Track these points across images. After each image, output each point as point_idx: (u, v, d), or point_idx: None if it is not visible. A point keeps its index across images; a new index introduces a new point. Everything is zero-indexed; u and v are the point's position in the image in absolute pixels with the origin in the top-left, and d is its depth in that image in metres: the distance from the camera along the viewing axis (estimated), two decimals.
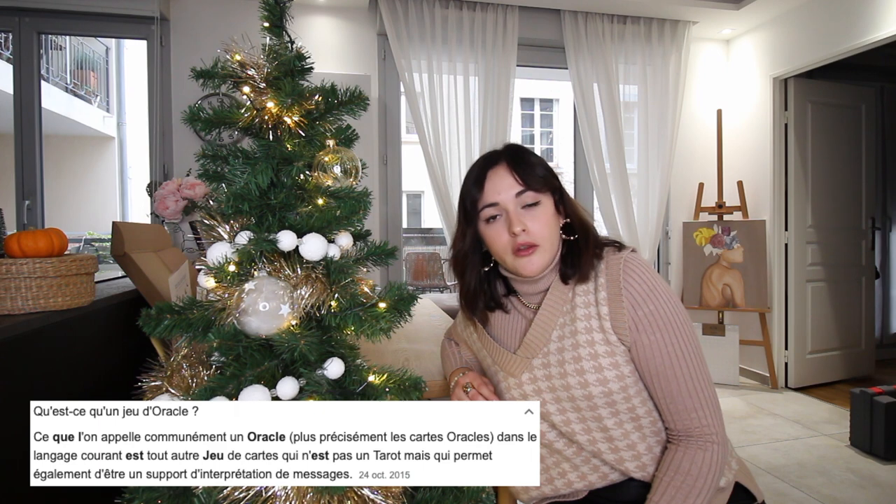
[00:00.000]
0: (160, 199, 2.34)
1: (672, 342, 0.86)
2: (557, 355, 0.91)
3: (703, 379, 0.86)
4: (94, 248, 6.73)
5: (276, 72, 0.78)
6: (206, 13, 2.91)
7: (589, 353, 0.88)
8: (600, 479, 0.93)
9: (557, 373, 0.91)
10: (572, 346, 0.90)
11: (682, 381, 0.85)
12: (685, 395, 0.85)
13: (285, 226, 0.75)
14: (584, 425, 0.91)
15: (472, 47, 3.10)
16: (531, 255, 0.90)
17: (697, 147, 3.63)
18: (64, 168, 7.54)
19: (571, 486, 0.94)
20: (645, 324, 0.86)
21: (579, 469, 0.93)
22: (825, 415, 2.89)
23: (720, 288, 3.41)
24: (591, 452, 0.92)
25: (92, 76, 7.49)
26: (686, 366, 0.86)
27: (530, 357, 0.94)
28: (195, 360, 0.78)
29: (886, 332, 4.13)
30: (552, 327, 0.93)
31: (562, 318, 0.92)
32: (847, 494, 2.05)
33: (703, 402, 0.85)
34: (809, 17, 3.08)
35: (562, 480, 0.95)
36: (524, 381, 0.94)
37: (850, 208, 3.51)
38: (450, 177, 3.07)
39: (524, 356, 0.95)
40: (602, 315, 0.89)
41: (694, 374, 0.86)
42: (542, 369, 0.93)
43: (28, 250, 1.17)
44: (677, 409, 0.86)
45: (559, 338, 0.92)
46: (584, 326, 0.90)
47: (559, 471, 0.95)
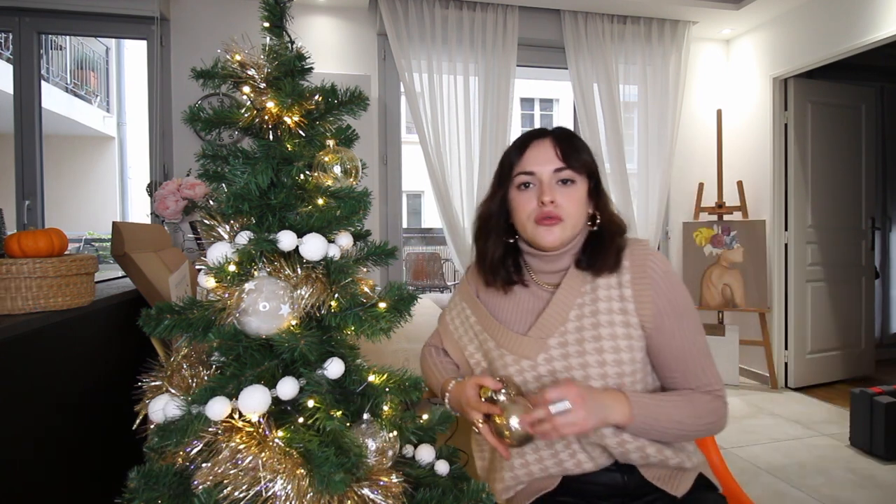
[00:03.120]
0: (160, 199, 2.34)
1: (687, 326, 0.93)
2: (576, 334, 0.93)
3: (708, 353, 0.95)
4: (94, 248, 6.73)
5: (277, 72, 0.78)
6: (206, 13, 2.91)
7: (609, 333, 0.92)
8: (575, 466, 0.94)
9: (575, 351, 0.93)
10: (592, 326, 0.93)
11: (694, 357, 0.93)
12: (695, 368, 0.93)
13: (285, 226, 0.75)
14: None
15: (472, 47, 3.10)
16: (553, 227, 0.92)
17: (697, 147, 3.63)
18: (64, 168, 7.54)
19: (547, 471, 0.95)
20: (668, 311, 0.92)
21: (557, 455, 0.95)
22: (825, 415, 2.89)
23: (720, 288, 3.41)
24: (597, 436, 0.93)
25: (92, 76, 7.49)
26: (697, 344, 0.94)
27: (545, 337, 0.95)
28: (195, 360, 0.78)
29: (886, 332, 4.13)
30: (570, 307, 0.95)
31: (580, 299, 0.95)
32: (847, 494, 2.05)
33: (710, 370, 0.94)
34: (809, 17, 3.08)
35: (538, 466, 0.96)
36: (539, 363, 0.95)
37: (850, 208, 3.51)
38: (450, 177, 3.07)
39: (538, 336, 0.95)
40: (625, 297, 0.93)
41: (702, 350, 0.94)
42: (559, 349, 0.94)
43: (28, 250, 1.17)
44: (690, 376, 0.93)
45: (578, 317, 0.94)
46: (606, 307, 0.93)
47: (536, 456, 0.96)
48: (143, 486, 0.70)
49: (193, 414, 0.67)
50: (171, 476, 0.71)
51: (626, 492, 0.94)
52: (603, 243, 0.95)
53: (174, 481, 0.71)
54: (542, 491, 0.96)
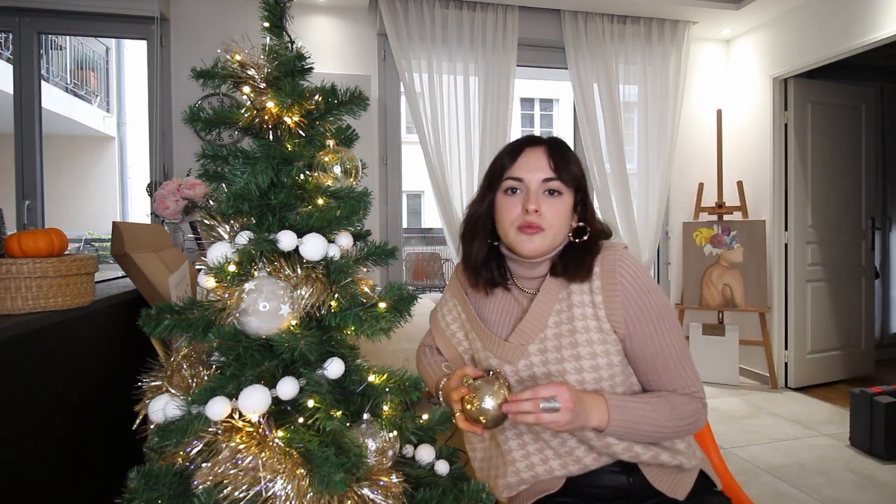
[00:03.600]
0: (160, 199, 2.34)
1: (662, 331, 0.93)
2: (555, 341, 0.94)
3: (687, 355, 0.96)
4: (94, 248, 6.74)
5: (277, 72, 0.78)
6: (206, 13, 2.91)
7: (585, 339, 0.93)
8: (580, 469, 0.95)
9: (554, 358, 0.94)
10: (569, 332, 0.94)
11: (672, 360, 0.94)
12: (673, 371, 0.94)
13: (285, 226, 0.75)
14: None
15: (472, 47, 3.10)
16: (533, 235, 0.93)
17: (697, 147, 3.63)
18: (64, 168, 7.54)
19: (552, 473, 0.96)
20: (640, 317, 0.93)
21: (562, 458, 0.95)
22: (825, 415, 2.89)
23: (720, 288, 3.41)
24: (579, 439, 0.94)
25: (92, 76, 7.49)
26: (674, 347, 0.94)
27: (525, 343, 0.96)
28: (195, 360, 0.78)
29: (886, 332, 4.13)
30: (549, 313, 0.96)
31: (558, 305, 0.96)
32: (847, 494, 2.05)
33: (689, 371, 0.95)
34: (809, 17, 3.08)
35: (543, 467, 0.96)
36: (520, 369, 0.97)
37: (850, 208, 3.51)
38: (450, 177, 3.07)
39: (517, 342, 0.97)
40: (597, 303, 0.94)
41: (680, 352, 0.95)
42: (538, 355, 0.96)
43: (28, 250, 1.17)
44: (668, 379, 0.94)
45: (556, 324, 0.95)
46: (581, 313, 0.94)
47: (541, 457, 0.97)
48: (143, 486, 0.70)
49: (193, 414, 0.67)
50: (171, 476, 0.71)
51: (629, 494, 0.95)
52: (579, 253, 0.96)
53: (174, 481, 0.71)
54: (545, 492, 0.96)
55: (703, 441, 1.19)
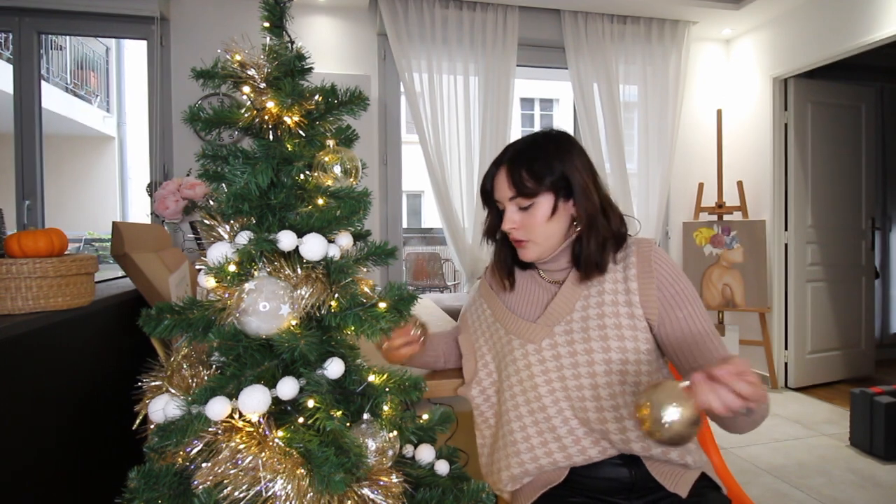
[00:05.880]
0: (160, 199, 2.34)
1: (695, 312, 0.97)
2: (581, 322, 0.97)
3: (718, 334, 0.98)
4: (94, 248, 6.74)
5: (276, 72, 0.78)
6: (206, 13, 2.91)
7: (614, 322, 0.95)
8: (584, 461, 0.95)
9: (580, 338, 0.96)
10: (598, 315, 0.96)
11: (708, 339, 0.95)
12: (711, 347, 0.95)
13: (285, 226, 0.75)
14: (594, 392, 0.94)
15: (472, 47, 3.10)
16: (522, 248, 1.00)
17: (697, 147, 3.63)
18: (64, 168, 7.54)
19: (556, 464, 0.97)
20: (675, 300, 0.96)
21: (566, 450, 0.96)
22: (825, 415, 2.89)
23: (720, 288, 3.41)
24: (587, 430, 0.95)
25: (92, 76, 7.49)
26: (709, 327, 0.97)
27: (552, 325, 0.99)
28: (195, 360, 0.78)
29: (886, 332, 4.13)
30: (577, 298, 0.99)
31: (586, 290, 0.99)
32: (847, 494, 2.05)
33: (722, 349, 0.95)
34: (809, 17, 3.08)
35: (548, 459, 0.97)
36: (544, 347, 0.98)
37: (850, 208, 3.51)
38: (450, 177, 3.07)
39: (545, 324, 1.00)
40: (631, 290, 0.97)
41: (713, 332, 0.97)
42: (564, 335, 0.98)
43: (28, 250, 1.17)
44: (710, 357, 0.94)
45: (583, 307, 0.98)
46: (612, 299, 0.97)
47: (545, 450, 0.97)
48: (143, 486, 0.70)
49: (193, 414, 0.67)
50: (171, 476, 0.71)
51: (631, 487, 0.95)
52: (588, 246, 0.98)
53: (174, 481, 0.71)
54: (549, 485, 0.96)
55: (703, 441, 1.19)
